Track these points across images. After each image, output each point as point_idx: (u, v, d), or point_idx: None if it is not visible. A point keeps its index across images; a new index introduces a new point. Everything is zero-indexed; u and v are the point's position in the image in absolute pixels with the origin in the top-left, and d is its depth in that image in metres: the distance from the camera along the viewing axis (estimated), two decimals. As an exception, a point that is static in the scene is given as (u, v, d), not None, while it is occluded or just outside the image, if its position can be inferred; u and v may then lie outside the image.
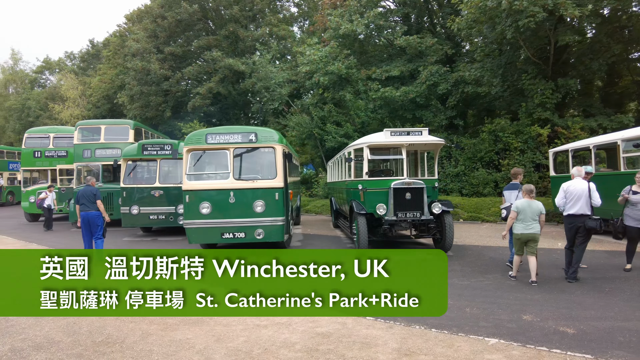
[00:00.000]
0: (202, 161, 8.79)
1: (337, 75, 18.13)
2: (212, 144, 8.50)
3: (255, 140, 8.46)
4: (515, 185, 7.40)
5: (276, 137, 8.61)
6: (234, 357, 3.92)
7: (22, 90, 42.15)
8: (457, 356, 3.78)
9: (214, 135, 8.56)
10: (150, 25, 26.55)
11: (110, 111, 32.75)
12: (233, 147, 8.43)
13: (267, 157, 8.59)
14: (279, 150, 8.51)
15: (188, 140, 8.76)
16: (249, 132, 8.57)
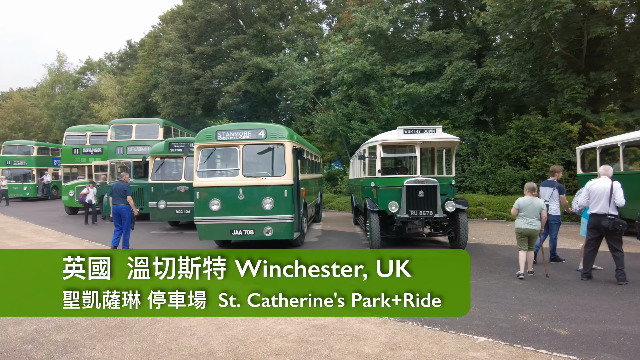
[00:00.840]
0: (212, 158, 8.85)
1: (361, 72, 18.12)
2: (222, 140, 8.48)
3: (265, 136, 8.37)
4: (551, 182, 7.45)
5: (285, 133, 8.49)
6: (229, 344, 4.17)
7: (66, 90, 44.59)
8: (442, 353, 3.85)
9: (224, 132, 8.53)
10: (181, 26, 27.45)
11: (146, 109, 34.11)
12: (242, 144, 8.39)
13: (277, 154, 8.47)
14: (288, 146, 8.40)
15: (199, 137, 8.79)
16: (259, 128, 8.48)
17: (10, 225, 14.26)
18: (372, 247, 8.66)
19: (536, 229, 6.44)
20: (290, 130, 8.86)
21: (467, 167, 16.97)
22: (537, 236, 6.60)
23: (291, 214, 8.29)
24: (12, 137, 39.53)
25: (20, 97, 47.76)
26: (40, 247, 10.20)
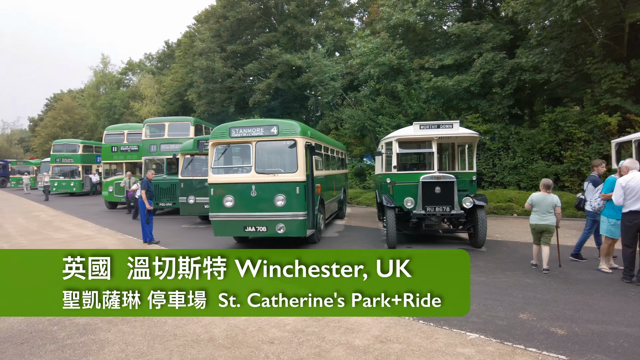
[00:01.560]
0: (226, 155, 8.92)
1: (388, 66, 17.98)
2: (235, 137, 8.49)
3: (277, 133, 8.29)
4: (592, 177, 7.33)
5: (298, 129, 8.35)
6: (230, 332, 4.42)
7: (110, 90, 47.00)
8: (430, 347, 3.91)
9: (238, 129, 8.51)
10: (214, 26, 28.21)
11: (182, 107, 35.38)
12: (255, 141, 8.35)
13: (289, 150, 8.39)
14: (301, 142, 8.27)
15: (213, 134, 8.81)
16: (271, 124, 8.41)
17: (56, 219, 15.37)
18: (388, 243, 8.69)
19: (549, 223, 6.52)
20: (303, 126, 8.77)
21: (498, 161, 16.51)
22: (552, 231, 6.59)
23: (303, 211, 8.21)
24: (62, 136, 42.22)
25: (69, 98, 50.88)
26: (79, 239, 10.98)
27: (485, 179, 16.82)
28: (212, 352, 3.97)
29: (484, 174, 16.76)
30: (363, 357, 3.75)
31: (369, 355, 3.79)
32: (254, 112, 28.09)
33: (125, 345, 4.19)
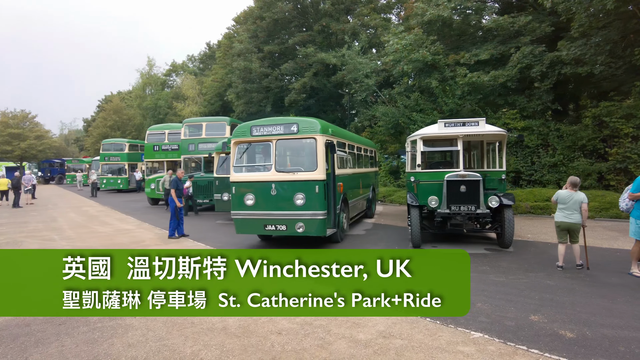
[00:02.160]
0: (247, 153, 8.84)
1: (422, 62, 17.72)
2: (256, 136, 8.46)
3: (297, 131, 8.18)
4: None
5: (317, 127, 8.19)
6: (243, 322, 4.67)
7: (155, 91, 49.25)
8: (431, 344, 3.96)
9: (259, 127, 8.48)
10: (251, 27, 28.88)
11: (222, 107, 36.49)
12: (276, 139, 8.28)
13: (309, 148, 8.28)
14: (320, 141, 8.11)
15: (235, 132, 8.82)
16: (291, 122, 8.31)
17: (103, 214, 16.48)
18: (413, 242, 8.68)
19: (575, 222, 6.49)
20: (324, 124, 8.62)
21: (537, 159, 15.88)
22: (577, 230, 6.55)
23: (323, 210, 8.05)
24: (111, 136, 44.84)
25: (118, 100, 53.86)
26: (120, 232, 11.75)
27: (523, 177, 16.23)
28: (224, 340, 4.23)
29: (522, 172, 16.17)
30: (363, 351, 3.87)
31: (369, 349, 3.91)
32: (290, 111, 28.53)
33: (146, 330, 4.54)
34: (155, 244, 9.96)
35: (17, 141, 44.58)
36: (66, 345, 4.21)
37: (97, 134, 49.44)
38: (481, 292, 5.52)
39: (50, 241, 10.45)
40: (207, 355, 3.89)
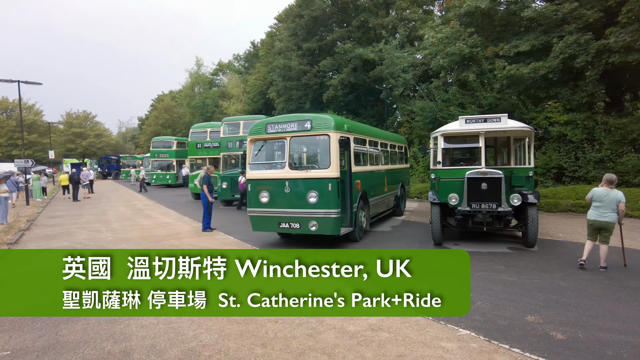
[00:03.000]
0: (263, 151, 8.85)
1: (459, 55, 17.28)
2: (271, 133, 8.41)
3: (310, 127, 8.05)
4: None
5: (331, 123, 8.02)
6: (245, 312, 5.01)
7: (203, 90, 51.41)
8: (416, 339, 4.07)
9: (273, 125, 8.42)
10: (291, 25, 29.39)
11: (265, 105, 37.45)
12: (290, 136, 8.21)
13: (322, 146, 8.16)
14: (334, 137, 7.93)
15: (251, 130, 8.85)
16: (305, 119, 8.19)
17: (148, 208, 17.66)
18: (434, 239, 8.67)
19: (609, 221, 6.30)
20: (339, 120, 8.44)
21: (582, 154, 15.03)
22: (611, 230, 6.36)
23: (336, 209, 7.91)
24: (163, 134, 47.41)
25: (169, 99, 56.78)
26: (160, 225, 12.61)
27: (566, 173, 15.41)
28: (225, 325, 4.59)
29: (565, 168, 15.37)
30: (348, 341, 4.07)
31: (354, 340, 4.09)
32: (328, 108, 28.79)
33: (160, 314, 5.00)
34: (189, 236, 10.62)
35: (80, 139, 48.46)
36: (91, 323, 4.77)
37: (149, 132, 52.49)
38: (486, 291, 5.50)
39: (98, 232, 11.47)
40: (206, 338, 4.26)
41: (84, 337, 4.41)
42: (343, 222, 8.45)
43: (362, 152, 9.77)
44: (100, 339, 4.33)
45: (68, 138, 48.05)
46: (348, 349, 3.91)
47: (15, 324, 4.85)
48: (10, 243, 9.78)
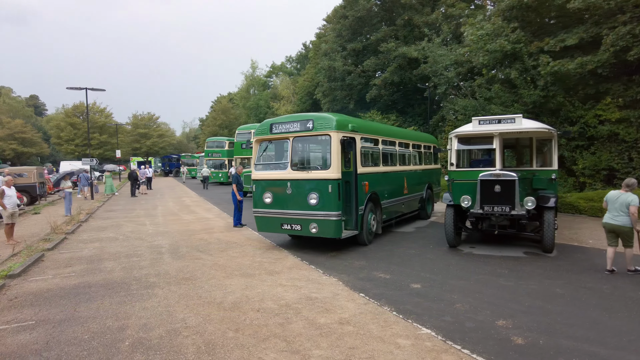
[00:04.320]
0: (268, 151, 8.84)
1: (500, 52, 16.62)
2: (275, 133, 8.34)
3: (312, 127, 7.90)
4: None
5: (332, 123, 7.79)
6: (238, 300, 5.48)
7: (257, 92, 53.36)
8: (376, 334, 4.27)
9: (278, 125, 8.35)
10: (336, 26, 29.75)
11: (313, 105, 38.16)
12: (292, 136, 8.13)
13: (324, 146, 8.04)
14: (335, 137, 7.73)
15: (257, 130, 8.87)
16: (307, 119, 8.05)
17: (195, 204, 18.93)
18: (447, 241, 8.64)
19: (620, 224, 6.30)
20: (342, 119, 8.19)
21: (636, 155, 13.88)
22: (625, 232, 6.30)
23: (337, 211, 7.71)
24: (220, 134, 49.89)
25: (226, 101, 59.57)
26: (199, 220, 13.57)
27: (618, 175, 14.30)
28: (212, 311, 5.10)
29: (617, 169, 14.27)
30: (311, 331, 4.38)
31: (318, 330, 4.40)
32: (373, 108, 28.81)
33: (163, 299, 5.64)
34: (220, 231, 11.38)
35: (144, 139, 52.51)
36: (104, 304, 5.51)
37: (208, 132, 55.48)
38: (473, 294, 5.52)
39: (142, 225, 12.65)
40: (191, 321, 4.79)
41: (95, 314, 5.14)
42: (348, 225, 8.34)
43: (373, 152, 9.57)
44: (106, 316, 5.03)
45: (134, 138, 52.33)
46: (308, 338, 4.23)
47: (47, 300, 5.73)
48: (68, 233, 11.14)
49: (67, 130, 48.35)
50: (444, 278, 6.37)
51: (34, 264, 7.80)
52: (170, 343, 4.21)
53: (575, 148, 15.55)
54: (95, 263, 7.89)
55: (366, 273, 6.76)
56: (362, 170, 8.55)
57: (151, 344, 4.20)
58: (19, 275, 7.05)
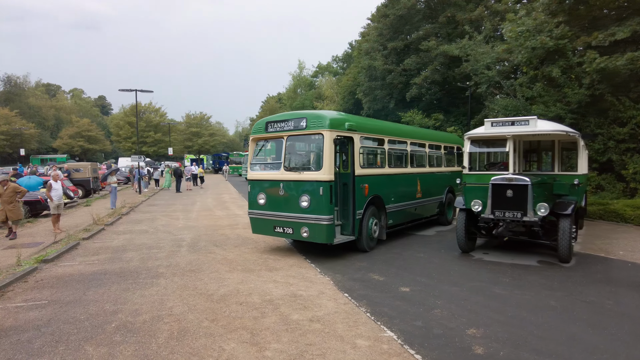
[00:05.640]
0: (263, 150, 8.60)
1: (542, 49, 15.73)
2: (271, 132, 8.10)
3: (305, 126, 7.55)
4: None
5: (325, 121, 7.39)
6: (229, 292, 5.81)
7: (304, 92, 54.19)
8: (340, 333, 4.38)
9: (273, 123, 8.09)
10: (378, 25, 29.57)
11: (355, 105, 38.12)
12: (286, 135, 7.83)
13: (316, 145, 7.65)
14: (328, 137, 7.29)
15: (253, 129, 8.63)
16: (301, 117, 7.72)
17: (231, 201, 19.75)
18: (459, 246, 8.45)
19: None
20: (337, 118, 7.76)
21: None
22: None
23: (328, 215, 7.28)
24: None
25: (273, 101, 61.07)
26: (229, 216, 14.19)
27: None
28: (199, 302, 5.45)
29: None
30: (280, 326, 4.58)
31: (286, 326, 4.59)
32: (413, 107, 28.31)
33: (162, 288, 6.10)
34: (244, 227, 11.84)
35: (196, 138, 55.26)
36: (110, 289, 6.06)
37: (256, 131, 57.22)
38: (457, 301, 5.42)
39: (175, 220, 13.48)
40: (177, 309, 5.17)
41: (99, 298, 5.69)
42: (345, 230, 8.06)
43: (377, 153, 9.27)
44: (106, 301, 5.56)
45: (187, 136, 55.31)
46: (273, 332, 4.43)
47: (65, 283, 6.41)
48: (107, 224, 12.16)
49: (125, 128, 52.23)
50: (438, 283, 6.29)
51: (68, 251, 8.67)
52: (149, 328, 4.60)
53: (625, 151, 14.37)
54: (119, 253, 8.61)
55: (362, 274, 6.82)
56: (361, 172, 8.11)
57: (133, 328, 4.61)
58: (52, 260, 7.88)
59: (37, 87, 69.62)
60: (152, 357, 3.92)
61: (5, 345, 4.27)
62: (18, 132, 47.73)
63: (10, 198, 10.20)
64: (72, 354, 4.02)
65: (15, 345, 4.24)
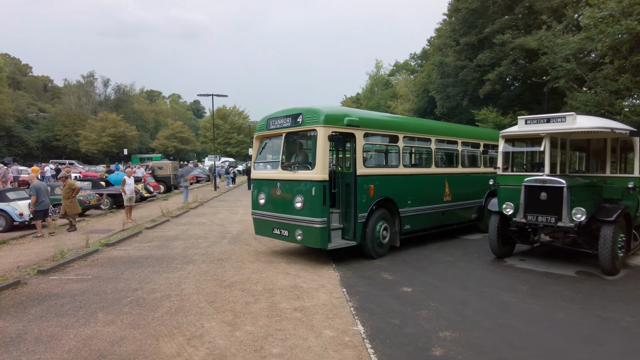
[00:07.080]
0: (265, 148, 8.38)
1: (629, 35, 13.96)
2: (272, 129, 7.83)
3: (301, 122, 7.18)
4: None
5: (320, 117, 6.93)
6: (240, 280, 6.32)
7: (380, 91, 53.83)
8: (314, 324, 4.61)
9: (274, 120, 7.81)
10: (451, 20, 28.44)
11: (429, 103, 36.99)
12: (285, 132, 7.54)
13: (312, 143, 7.24)
14: (322, 133, 6.84)
15: (257, 126, 8.43)
16: (298, 113, 7.34)
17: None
18: (492, 251, 8.05)
19: None
20: (334, 112, 7.26)
21: None
22: None
23: (321, 218, 6.85)
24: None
25: (350, 101, 61.47)
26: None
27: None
28: (209, 286, 6.07)
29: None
30: (264, 312, 4.96)
31: (269, 312, 4.96)
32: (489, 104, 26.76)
33: (188, 272, 6.83)
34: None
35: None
36: (144, 271, 6.97)
37: (332, 132, 58.23)
38: (456, 305, 5.30)
39: (234, 214, 14.57)
40: (187, 291, 5.84)
41: (130, 277, 6.61)
42: (347, 234, 7.51)
43: (390, 151, 8.83)
44: (135, 280, 6.44)
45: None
46: (254, 316, 4.82)
47: (113, 264, 7.50)
48: (173, 217, 13.60)
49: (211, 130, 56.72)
50: (446, 286, 6.14)
51: (129, 238, 9.98)
52: (155, 304, 5.29)
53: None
54: (170, 241, 9.68)
55: (374, 272, 6.90)
56: (365, 172, 7.51)
57: (143, 302, 5.34)
58: (113, 245, 9.18)
59: (140, 94, 78.61)
60: (144, 325, 4.56)
61: (44, 305, 5.27)
62: (122, 134, 54.55)
63: (68, 194, 10.86)
64: (85, 317, 4.85)
65: (51, 307, 5.23)
